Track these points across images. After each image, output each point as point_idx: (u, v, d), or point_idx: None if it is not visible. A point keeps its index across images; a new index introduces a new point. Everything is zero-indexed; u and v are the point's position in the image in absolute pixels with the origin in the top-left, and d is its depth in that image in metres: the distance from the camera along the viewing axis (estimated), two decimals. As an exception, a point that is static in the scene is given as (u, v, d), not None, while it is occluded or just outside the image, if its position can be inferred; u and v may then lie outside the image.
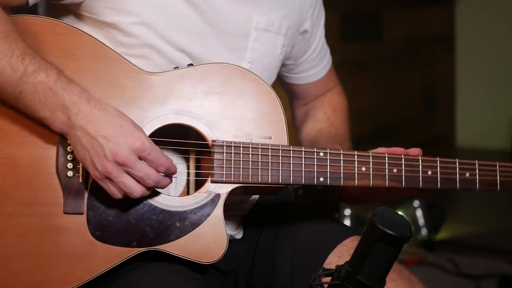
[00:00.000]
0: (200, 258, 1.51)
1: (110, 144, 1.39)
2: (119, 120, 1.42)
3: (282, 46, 1.73)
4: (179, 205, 1.51)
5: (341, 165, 1.57)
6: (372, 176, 1.58)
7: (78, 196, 1.47)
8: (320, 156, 1.56)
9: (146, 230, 1.49)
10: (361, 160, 1.58)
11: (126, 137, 1.40)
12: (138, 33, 1.55)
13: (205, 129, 1.54)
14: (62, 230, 1.47)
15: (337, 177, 1.57)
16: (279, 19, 1.71)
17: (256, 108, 1.57)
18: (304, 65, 1.88)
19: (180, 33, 1.57)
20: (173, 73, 1.54)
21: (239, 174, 1.53)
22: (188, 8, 1.57)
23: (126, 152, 1.39)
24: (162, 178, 1.44)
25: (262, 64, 1.68)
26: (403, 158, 1.60)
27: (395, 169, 1.59)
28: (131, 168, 1.40)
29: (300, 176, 1.55)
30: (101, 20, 1.55)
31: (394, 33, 5.87)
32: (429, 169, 1.61)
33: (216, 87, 1.55)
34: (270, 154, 1.55)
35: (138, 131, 1.42)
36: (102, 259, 1.47)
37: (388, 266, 1.18)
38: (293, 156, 1.56)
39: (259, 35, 1.67)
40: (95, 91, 1.46)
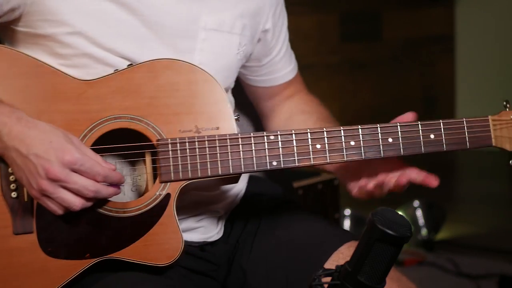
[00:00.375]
0: (156, 261, 1.49)
1: (41, 161, 1.38)
2: (49, 136, 1.40)
3: (238, 46, 1.67)
4: (129, 210, 1.48)
5: (294, 146, 1.52)
6: (329, 152, 1.53)
7: (26, 215, 1.46)
8: (271, 139, 1.52)
9: (98, 239, 1.47)
10: (315, 138, 1.53)
11: (56, 151, 1.38)
12: (74, 43, 1.52)
13: (148, 129, 1.50)
14: (14, 251, 1.46)
15: (290, 159, 1.52)
16: (232, 18, 1.65)
17: (198, 99, 1.52)
18: (269, 66, 1.82)
19: (118, 39, 1.54)
20: (110, 78, 1.51)
21: (187, 170, 1.49)
22: (124, 14, 1.54)
23: (57, 167, 1.37)
24: (102, 187, 1.41)
25: (216, 65, 1.61)
26: (360, 129, 1.54)
27: (352, 141, 1.54)
28: (65, 182, 1.38)
29: (251, 163, 1.51)
30: (38, 33, 1.53)
31: (394, 33, 5.87)
32: (389, 136, 1.55)
33: (153, 85, 1.51)
34: (218, 145, 1.50)
35: (69, 144, 1.40)
36: (57, 275, 1.46)
37: (388, 266, 1.18)
38: (242, 143, 1.51)
39: (208, 36, 1.62)
40: (28, 108, 1.46)
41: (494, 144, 1.61)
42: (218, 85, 1.53)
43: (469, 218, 4.44)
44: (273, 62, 1.82)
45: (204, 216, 1.68)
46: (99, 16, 1.53)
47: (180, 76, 1.52)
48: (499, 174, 5.43)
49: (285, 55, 1.84)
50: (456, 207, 4.70)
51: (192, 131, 1.51)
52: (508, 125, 1.61)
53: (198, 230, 1.68)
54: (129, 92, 1.50)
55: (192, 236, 1.67)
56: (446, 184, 5.47)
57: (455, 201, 5.01)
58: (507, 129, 1.61)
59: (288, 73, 1.86)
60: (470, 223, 4.29)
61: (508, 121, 1.61)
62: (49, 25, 1.52)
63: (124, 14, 1.54)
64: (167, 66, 1.52)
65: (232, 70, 1.70)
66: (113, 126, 1.49)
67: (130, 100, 1.50)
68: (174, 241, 1.49)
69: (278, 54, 1.82)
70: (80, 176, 1.40)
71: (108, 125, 1.49)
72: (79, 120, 1.49)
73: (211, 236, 1.70)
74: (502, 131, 1.61)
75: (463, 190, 5.47)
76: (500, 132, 1.61)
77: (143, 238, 1.48)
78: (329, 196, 3.10)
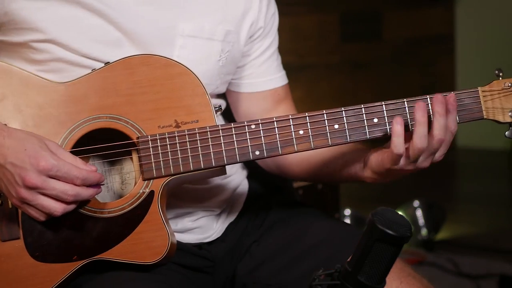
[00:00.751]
0: (144, 259, 1.48)
1: (17, 169, 1.39)
2: (24, 144, 1.40)
3: (220, 52, 1.64)
4: (113, 210, 1.48)
5: (276, 133, 1.49)
6: (312, 137, 1.49)
7: (12, 222, 1.47)
8: (252, 128, 1.49)
9: (85, 241, 1.47)
10: (297, 124, 1.49)
11: (31, 159, 1.38)
12: (48, 49, 1.53)
13: (127, 127, 1.49)
14: (2, 258, 1.47)
15: (274, 147, 1.49)
16: (212, 24, 1.62)
17: (176, 93, 1.50)
18: (246, 69, 1.75)
19: (93, 44, 1.53)
20: (87, 78, 1.51)
21: (169, 166, 1.48)
22: (98, 19, 1.53)
23: (34, 175, 1.38)
24: (82, 190, 1.42)
25: (195, 71, 1.54)
26: (343, 111, 1.48)
27: (336, 124, 1.49)
28: (43, 188, 1.39)
29: (234, 154, 1.48)
30: (14, 41, 1.54)
31: (394, 33, 5.87)
32: (374, 116, 1.49)
33: (130, 82, 1.50)
34: (198, 139, 1.48)
35: (43, 150, 1.40)
36: (46, 279, 1.47)
37: (388, 266, 1.18)
38: (223, 135, 1.49)
39: (186, 43, 1.59)
40: (6, 115, 1.47)
41: (486, 117, 1.52)
42: (195, 78, 1.51)
43: (469, 218, 4.44)
44: (252, 64, 1.75)
45: (200, 215, 1.68)
46: (71, 22, 1.52)
47: (157, 71, 1.51)
48: (499, 174, 5.44)
49: (269, 60, 1.77)
50: (456, 207, 4.70)
51: (172, 126, 1.50)
52: (501, 95, 1.51)
53: (194, 231, 1.68)
54: (106, 91, 1.50)
55: (189, 237, 1.67)
56: (446, 184, 5.48)
57: (455, 201, 5.01)
58: (500, 99, 1.51)
59: (272, 80, 1.78)
60: (470, 223, 4.29)
61: (500, 91, 1.51)
62: (23, 33, 1.53)
63: (97, 20, 1.53)
64: (143, 62, 1.51)
65: (214, 76, 1.66)
66: (93, 127, 1.49)
67: (107, 99, 1.50)
68: (161, 238, 1.48)
69: (260, 57, 1.75)
70: (58, 182, 1.40)
71: (88, 125, 1.49)
72: (59, 123, 1.49)
73: (207, 236, 1.70)
74: (494, 102, 1.51)
75: (463, 190, 5.47)
76: (492, 103, 1.51)
77: (130, 237, 1.48)
78: (329, 196, 3.10)
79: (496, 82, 1.53)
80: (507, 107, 1.52)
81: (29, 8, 1.51)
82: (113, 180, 1.57)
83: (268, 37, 1.76)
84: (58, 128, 1.49)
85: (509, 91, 1.52)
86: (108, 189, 1.57)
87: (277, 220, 1.73)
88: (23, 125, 1.48)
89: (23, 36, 1.53)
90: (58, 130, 1.48)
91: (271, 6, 1.76)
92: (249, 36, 1.71)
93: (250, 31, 1.71)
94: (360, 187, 5.25)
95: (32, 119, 1.49)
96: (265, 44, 1.76)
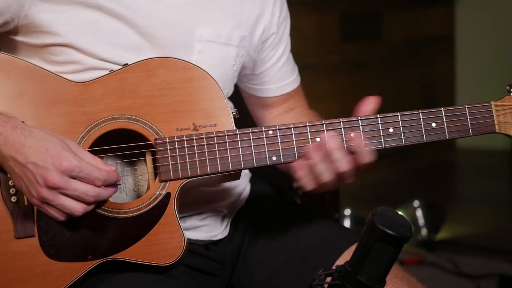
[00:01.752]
0: (159, 260, 1.48)
1: (39, 169, 1.38)
2: (46, 144, 1.40)
3: (235, 57, 1.66)
4: (130, 211, 1.48)
5: (293, 140, 1.50)
6: None
7: (27, 219, 1.47)
8: (270, 134, 1.50)
9: (100, 241, 1.48)
10: (314, 131, 1.50)
11: (53, 159, 1.38)
12: (67, 52, 1.53)
13: (145, 129, 1.50)
14: (17, 255, 1.47)
15: (290, 153, 1.50)
16: (229, 30, 1.64)
17: (194, 96, 1.51)
18: (264, 76, 1.81)
19: (113, 49, 1.54)
20: (106, 79, 1.51)
21: (187, 168, 1.48)
22: (118, 23, 1.54)
23: (56, 175, 1.38)
24: (102, 191, 1.42)
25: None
26: (359, 120, 1.51)
27: (352, 133, 1.50)
28: (65, 189, 1.39)
29: (251, 159, 1.49)
30: (33, 43, 1.55)
31: (394, 33, 5.87)
32: (390, 126, 1.52)
33: (148, 84, 1.51)
34: (216, 142, 1.49)
35: (66, 151, 1.40)
36: (60, 278, 1.47)
37: (388, 266, 1.18)
38: (241, 139, 1.49)
39: (204, 47, 1.61)
40: (24, 113, 1.47)
41: (498, 131, 1.56)
42: (214, 82, 1.52)
43: (469, 218, 4.44)
44: (269, 72, 1.80)
45: (208, 214, 1.69)
46: (91, 27, 1.53)
47: (175, 74, 1.52)
48: (499, 174, 5.44)
49: (284, 66, 1.82)
50: (456, 207, 4.70)
51: (190, 129, 1.50)
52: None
53: (202, 228, 1.69)
54: (124, 92, 1.50)
55: (197, 235, 1.68)
56: (446, 184, 5.48)
57: (455, 201, 5.01)
58: (511, 114, 1.56)
59: (286, 85, 1.84)
60: (470, 223, 4.30)
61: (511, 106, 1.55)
62: (43, 36, 1.53)
63: (117, 24, 1.54)
64: (162, 65, 1.52)
65: (229, 80, 1.69)
66: (111, 127, 1.49)
67: (126, 100, 1.50)
68: (176, 240, 1.49)
69: (276, 64, 1.80)
70: (80, 182, 1.40)
71: (105, 126, 1.49)
72: (76, 122, 1.49)
73: (215, 234, 1.71)
74: (506, 117, 1.56)
75: (463, 190, 5.47)
76: (503, 118, 1.56)
77: (145, 238, 1.48)
78: (329, 196, 3.10)
79: (508, 97, 1.57)
80: None
81: (49, 12, 1.51)
82: (126, 182, 1.57)
83: (282, 44, 1.79)
84: (75, 127, 1.49)
85: None
86: (120, 191, 1.57)
87: (273, 222, 1.74)
88: (40, 123, 1.48)
89: (42, 39, 1.53)
90: (75, 129, 1.49)
91: (283, 10, 1.78)
92: (261, 42, 1.74)
93: (263, 37, 1.74)
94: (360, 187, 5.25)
95: (49, 118, 1.49)
96: (279, 51, 1.79)
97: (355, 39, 5.52)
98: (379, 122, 1.52)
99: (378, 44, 5.76)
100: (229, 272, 1.73)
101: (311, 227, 1.71)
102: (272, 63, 1.79)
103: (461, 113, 1.54)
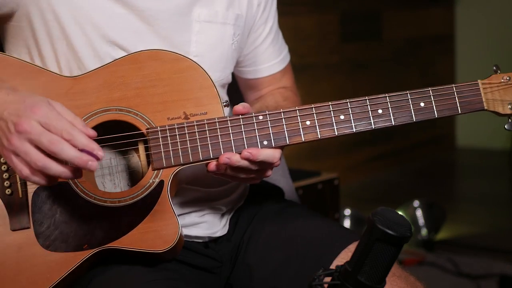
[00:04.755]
0: (154, 247, 1.49)
1: (12, 117, 1.34)
2: (26, 98, 1.37)
3: (232, 36, 1.70)
4: (124, 199, 1.49)
5: (283, 124, 1.53)
6: (319, 127, 1.54)
7: (22, 211, 1.48)
8: (260, 119, 1.52)
9: (95, 230, 1.49)
10: (304, 114, 1.53)
11: (26, 108, 1.33)
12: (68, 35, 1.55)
13: (137, 119, 1.51)
14: (13, 247, 1.48)
15: (281, 137, 1.53)
16: (224, 9, 1.67)
17: (184, 86, 1.54)
18: (252, 57, 1.82)
19: (118, 32, 1.56)
20: (95, 72, 1.53)
21: (179, 156, 1.50)
22: (121, 8, 1.56)
23: (27, 120, 1.32)
24: (69, 148, 1.32)
25: (212, 56, 1.64)
26: (348, 102, 1.55)
27: (342, 115, 1.54)
28: (33, 134, 1.32)
29: (242, 144, 1.51)
30: (32, 27, 1.55)
31: (394, 33, 5.87)
32: (379, 107, 1.56)
33: (138, 76, 1.52)
34: (207, 129, 1.51)
35: (43, 102, 1.35)
36: (56, 268, 1.47)
37: (388, 266, 1.18)
38: (232, 126, 1.52)
39: (203, 28, 1.64)
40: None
41: (486, 108, 1.59)
42: (203, 71, 1.54)
43: (469, 218, 4.45)
44: (256, 52, 1.82)
45: (207, 212, 1.69)
46: (99, 9, 1.55)
47: (165, 65, 1.54)
48: (499, 174, 5.44)
49: (271, 45, 1.83)
50: (456, 207, 4.70)
51: (180, 118, 1.52)
52: (500, 88, 1.59)
53: (201, 225, 1.69)
54: (115, 84, 1.52)
55: (196, 231, 1.68)
56: (446, 184, 5.48)
57: (455, 201, 5.01)
58: (499, 92, 1.59)
59: (273, 66, 1.85)
60: (470, 223, 4.30)
61: (499, 84, 1.58)
62: (44, 23, 1.55)
63: (121, 8, 1.57)
64: (151, 57, 1.54)
65: (229, 60, 1.71)
66: (102, 119, 1.51)
67: (116, 92, 1.52)
68: (171, 226, 1.50)
69: (263, 43, 1.81)
70: (49, 132, 1.33)
71: (97, 118, 1.50)
72: None
73: (215, 231, 1.71)
74: (493, 94, 1.59)
75: (463, 190, 5.47)
76: (491, 95, 1.59)
77: (140, 226, 1.49)
78: (329, 196, 3.10)
79: (495, 76, 1.60)
80: (506, 99, 1.59)
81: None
82: (120, 177, 1.58)
83: (269, 21, 1.81)
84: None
85: (507, 84, 1.59)
86: (115, 186, 1.58)
87: (271, 220, 1.74)
88: None
89: (44, 20, 1.55)
90: None
91: None
92: (253, 21, 1.76)
93: (253, 14, 1.76)
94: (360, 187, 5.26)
95: None
96: (267, 29, 1.81)
97: (355, 39, 5.52)
98: (368, 103, 1.56)
99: (378, 44, 5.76)
100: (228, 271, 1.73)
101: (310, 226, 1.71)
102: (260, 42, 1.81)
103: (449, 91, 1.58)
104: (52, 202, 1.49)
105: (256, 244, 1.71)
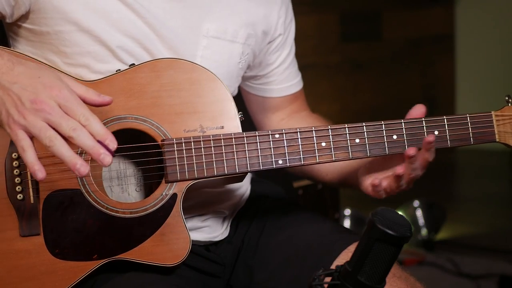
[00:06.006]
0: (164, 261, 1.49)
1: (27, 93, 1.31)
2: (38, 72, 1.35)
3: (240, 55, 1.67)
4: (136, 211, 1.48)
5: (299, 144, 1.52)
6: (334, 150, 1.53)
7: (33, 217, 1.46)
8: (276, 138, 1.52)
9: (105, 240, 1.47)
10: (320, 136, 1.53)
11: (45, 86, 1.32)
12: (79, 41, 1.52)
13: (152, 129, 1.50)
14: (21, 254, 1.46)
15: (296, 157, 1.52)
16: (235, 27, 1.65)
17: (201, 98, 1.52)
18: (270, 76, 1.81)
19: (124, 38, 1.54)
20: (113, 78, 1.51)
21: (193, 170, 1.49)
22: (130, 13, 1.54)
23: (46, 98, 1.30)
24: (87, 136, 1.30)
25: (217, 73, 1.56)
26: (364, 126, 1.55)
27: (357, 139, 1.54)
28: (50, 113, 1.30)
29: (257, 162, 1.51)
30: (43, 30, 1.53)
31: (394, 33, 5.87)
32: (394, 133, 1.55)
33: (156, 85, 1.51)
34: (223, 145, 1.50)
35: (59, 80, 1.34)
36: (65, 276, 1.46)
37: (388, 266, 1.18)
38: (248, 142, 1.51)
39: (210, 43, 1.62)
40: None
41: (498, 140, 1.60)
42: (221, 83, 1.53)
43: (469, 218, 4.44)
44: (275, 72, 1.81)
45: (209, 216, 1.69)
46: (107, 13, 1.53)
47: (183, 75, 1.52)
48: (499, 174, 5.43)
49: (289, 67, 1.83)
50: (456, 207, 4.70)
51: (196, 131, 1.51)
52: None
53: (203, 229, 1.69)
54: (132, 92, 1.50)
55: (198, 236, 1.68)
56: (446, 184, 5.48)
57: (455, 201, 5.01)
58: (510, 124, 1.60)
59: (291, 86, 1.85)
60: (470, 223, 4.30)
61: (511, 116, 1.59)
62: (55, 23, 1.52)
63: (130, 14, 1.54)
64: (170, 66, 1.52)
65: (234, 78, 1.69)
66: (118, 127, 1.49)
67: (133, 100, 1.50)
68: (182, 241, 1.49)
69: (282, 65, 1.81)
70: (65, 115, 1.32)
71: (113, 125, 1.49)
72: None
73: (216, 236, 1.71)
74: (505, 127, 1.60)
75: (463, 190, 5.47)
76: (503, 127, 1.60)
77: (151, 239, 1.48)
78: (329, 196, 3.10)
79: (507, 108, 1.61)
80: None
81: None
82: (129, 182, 1.57)
83: (287, 45, 1.80)
84: None
85: None
86: (123, 190, 1.56)
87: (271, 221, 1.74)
88: None
89: (55, 26, 1.52)
90: None
91: (289, 13, 1.79)
92: (267, 42, 1.75)
93: (269, 37, 1.74)
94: (360, 187, 5.25)
95: None
96: (285, 52, 1.80)
97: (355, 39, 5.52)
98: (383, 128, 1.55)
99: (378, 44, 5.76)
100: (228, 272, 1.72)
101: (310, 227, 1.70)
102: (278, 64, 1.80)
103: (463, 121, 1.58)
104: (64, 209, 1.47)
105: (256, 245, 1.71)
